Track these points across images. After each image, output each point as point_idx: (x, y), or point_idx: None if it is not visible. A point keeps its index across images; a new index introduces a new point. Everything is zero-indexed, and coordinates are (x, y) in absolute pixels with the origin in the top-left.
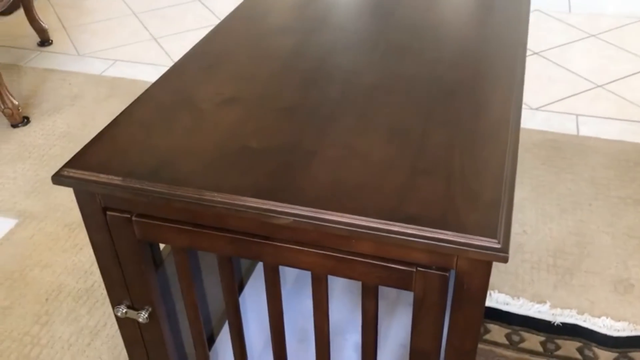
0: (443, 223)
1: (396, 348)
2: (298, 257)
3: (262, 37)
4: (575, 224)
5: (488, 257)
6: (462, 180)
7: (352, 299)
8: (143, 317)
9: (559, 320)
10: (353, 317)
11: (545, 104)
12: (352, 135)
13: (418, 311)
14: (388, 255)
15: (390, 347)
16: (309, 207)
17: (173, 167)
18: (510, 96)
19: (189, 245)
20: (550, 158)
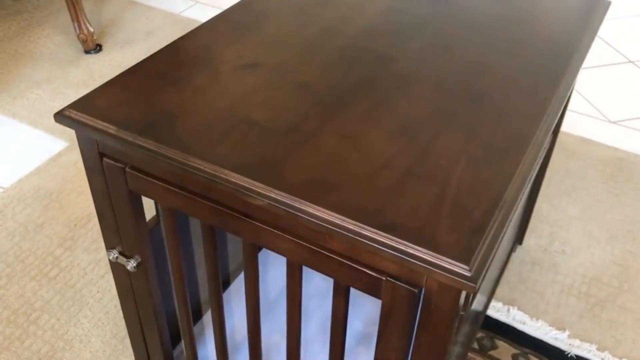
0: (418, 238)
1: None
2: (274, 241)
3: (307, 4)
4: (623, 254)
5: (454, 283)
6: (455, 194)
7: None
8: (131, 265)
9: (574, 352)
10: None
11: (625, 118)
12: (358, 124)
13: (385, 321)
14: (359, 258)
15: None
16: (287, 193)
17: (169, 125)
18: (541, 113)
19: (175, 206)
20: (614, 177)
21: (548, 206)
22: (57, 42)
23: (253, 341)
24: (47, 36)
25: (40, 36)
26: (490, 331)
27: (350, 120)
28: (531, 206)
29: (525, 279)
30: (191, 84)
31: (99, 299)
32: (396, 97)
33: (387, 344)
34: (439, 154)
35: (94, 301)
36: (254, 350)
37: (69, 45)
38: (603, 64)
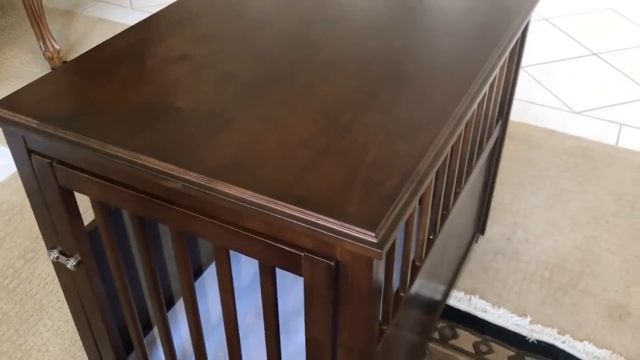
0: (328, 209)
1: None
2: (198, 226)
3: (241, 1)
4: (585, 240)
5: (362, 251)
6: (368, 168)
7: None
8: (71, 264)
9: (535, 337)
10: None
11: (589, 108)
12: (279, 110)
13: (309, 299)
14: (278, 236)
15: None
16: (201, 174)
17: (91, 117)
18: (462, 93)
19: (103, 198)
20: (578, 166)
21: (511, 196)
22: (24, 61)
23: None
24: (15, 56)
25: (7, 56)
26: (452, 321)
27: (272, 106)
28: (489, 197)
29: (487, 268)
30: (117, 78)
31: (59, 308)
32: (319, 83)
33: (314, 321)
34: (357, 132)
35: (54, 310)
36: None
37: (36, 63)
38: (567, 58)
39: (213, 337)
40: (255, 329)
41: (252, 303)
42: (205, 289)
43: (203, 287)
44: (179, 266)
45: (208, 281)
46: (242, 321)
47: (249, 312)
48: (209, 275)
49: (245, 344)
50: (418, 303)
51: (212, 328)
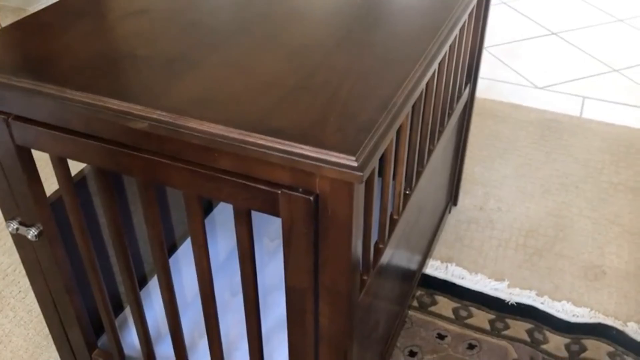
0: (305, 138)
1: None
2: (167, 174)
3: None
4: (557, 206)
5: (343, 176)
6: (344, 101)
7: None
8: (32, 234)
9: (514, 300)
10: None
11: (552, 83)
12: (246, 54)
13: (287, 241)
14: (252, 173)
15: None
16: (168, 112)
17: (47, 66)
18: (434, 35)
19: (64, 153)
20: (545, 137)
21: (481, 168)
22: None
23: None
24: None
25: None
26: (430, 288)
27: (238, 51)
28: (460, 166)
29: (462, 237)
30: (75, 30)
31: (21, 299)
32: (287, 30)
33: (294, 267)
34: (328, 72)
35: (16, 301)
36: (175, 335)
37: None
38: (528, 37)
39: (187, 315)
40: (231, 307)
41: (227, 282)
42: (179, 266)
43: (177, 264)
44: (149, 225)
45: (182, 258)
46: (218, 299)
47: (225, 291)
48: (183, 253)
49: (222, 322)
50: (395, 272)
51: (187, 306)
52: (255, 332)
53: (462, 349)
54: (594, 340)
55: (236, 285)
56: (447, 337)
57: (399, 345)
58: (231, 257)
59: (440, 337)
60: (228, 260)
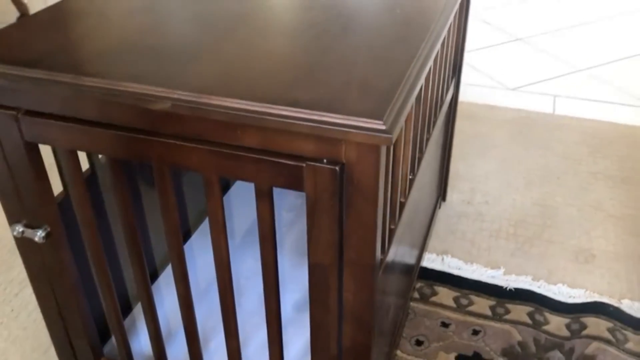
0: (330, 107)
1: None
2: (186, 156)
3: None
4: (541, 196)
5: (372, 140)
6: (361, 74)
7: (299, 258)
8: (40, 236)
9: (511, 286)
10: (296, 274)
11: (523, 84)
12: (257, 37)
13: (312, 217)
14: (276, 148)
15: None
16: (190, 91)
17: (62, 56)
18: (431, 23)
19: (77, 145)
20: (522, 134)
21: (465, 166)
22: None
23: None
24: None
25: None
26: (429, 280)
27: (249, 35)
28: (447, 165)
29: (454, 230)
30: (83, 26)
31: (15, 317)
32: (295, 14)
33: (317, 243)
34: (340, 51)
35: (9, 320)
36: (190, 335)
37: None
38: (497, 44)
39: (199, 310)
40: (244, 293)
41: (238, 268)
42: (189, 258)
43: (190, 251)
44: (165, 213)
45: (192, 250)
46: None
47: (238, 277)
48: (194, 244)
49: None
50: (396, 267)
51: (198, 300)
52: (275, 318)
53: (467, 335)
54: (592, 317)
55: (247, 270)
56: (451, 324)
57: (405, 335)
58: (241, 242)
59: (444, 325)
60: (239, 246)
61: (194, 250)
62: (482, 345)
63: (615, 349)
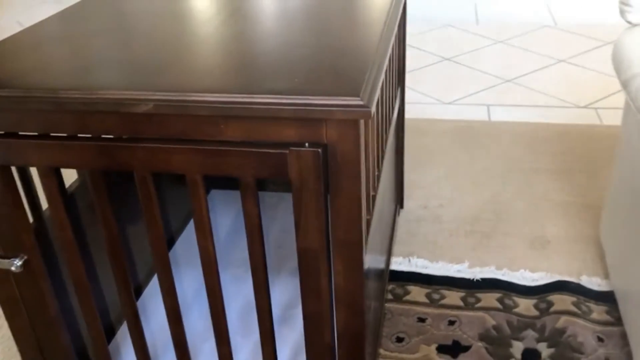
0: (308, 92)
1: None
2: (169, 158)
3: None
4: (491, 195)
5: (353, 115)
6: (330, 63)
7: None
8: (16, 265)
9: (478, 277)
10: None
11: (457, 98)
12: (227, 41)
13: (298, 202)
14: (259, 138)
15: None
16: (171, 91)
17: (34, 76)
18: (384, 14)
19: (54, 162)
20: (464, 141)
21: (416, 175)
22: None
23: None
24: None
25: None
26: (400, 281)
27: (217, 39)
28: (401, 174)
29: (415, 234)
30: (52, 47)
31: None
32: (260, 21)
33: (305, 229)
34: (306, 45)
35: None
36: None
37: None
38: (427, 65)
39: (189, 317)
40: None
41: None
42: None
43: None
44: (149, 221)
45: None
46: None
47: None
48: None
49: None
50: (371, 273)
51: (184, 313)
52: (266, 314)
53: (444, 326)
54: (557, 295)
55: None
56: (427, 319)
57: (385, 334)
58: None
59: (420, 320)
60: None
61: (178, 257)
62: (459, 333)
63: (582, 320)
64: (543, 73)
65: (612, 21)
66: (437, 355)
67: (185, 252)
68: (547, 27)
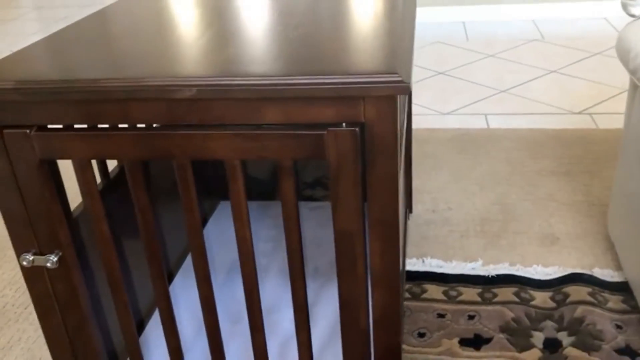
0: (346, 71)
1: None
2: (208, 145)
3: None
4: (497, 197)
5: (392, 91)
6: (365, 41)
7: (286, 280)
8: (52, 261)
9: (492, 273)
10: (287, 294)
11: (455, 109)
12: (264, 29)
13: (335, 184)
14: (298, 120)
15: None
16: (212, 76)
17: (74, 71)
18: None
19: (93, 154)
20: (466, 148)
21: (422, 181)
22: None
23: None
24: None
25: None
26: (416, 280)
27: (251, 29)
28: (409, 180)
29: (426, 236)
30: (85, 46)
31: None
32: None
33: (343, 207)
34: (343, 25)
35: None
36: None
37: None
38: (422, 79)
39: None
40: (233, 336)
41: (227, 311)
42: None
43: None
44: (186, 207)
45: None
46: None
47: (225, 321)
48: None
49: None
50: None
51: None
52: (301, 300)
53: (463, 321)
54: (572, 286)
55: (235, 314)
56: (447, 314)
57: (406, 330)
58: (228, 285)
59: (440, 316)
60: (229, 289)
61: (177, 293)
62: (480, 327)
63: (599, 309)
64: (536, 83)
65: (597, 34)
66: (460, 348)
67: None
68: (536, 40)
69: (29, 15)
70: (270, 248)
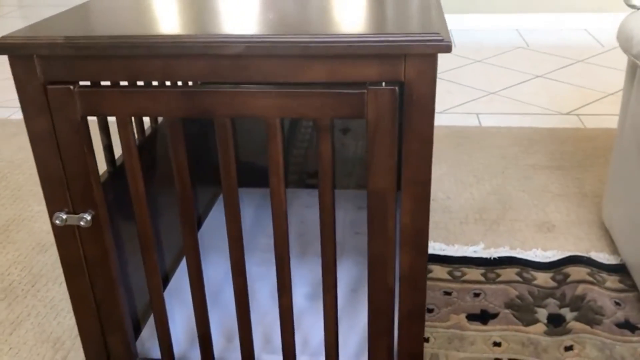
0: (389, 30)
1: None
2: (249, 102)
3: None
4: (493, 187)
5: (434, 49)
6: (401, 11)
7: (298, 259)
8: (85, 220)
9: (494, 255)
10: (300, 272)
11: (447, 108)
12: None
13: (372, 143)
14: (339, 78)
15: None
16: (260, 33)
17: (117, 28)
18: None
19: (135, 111)
20: (461, 144)
21: None
22: None
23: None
24: None
25: None
26: None
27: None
28: None
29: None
30: (123, 10)
31: (15, 354)
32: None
33: (378, 166)
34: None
35: (9, 357)
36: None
37: None
38: None
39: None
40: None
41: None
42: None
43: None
44: (224, 161)
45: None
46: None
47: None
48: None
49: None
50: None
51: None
52: (331, 261)
53: (469, 298)
54: (572, 267)
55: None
56: (453, 292)
57: None
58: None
59: (447, 293)
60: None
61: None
62: (485, 303)
63: (599, 288)
64: (523, 86)
65: (579, 44)
66: (468, 322)
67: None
68: (521, 48)
69: (14, 14)
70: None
